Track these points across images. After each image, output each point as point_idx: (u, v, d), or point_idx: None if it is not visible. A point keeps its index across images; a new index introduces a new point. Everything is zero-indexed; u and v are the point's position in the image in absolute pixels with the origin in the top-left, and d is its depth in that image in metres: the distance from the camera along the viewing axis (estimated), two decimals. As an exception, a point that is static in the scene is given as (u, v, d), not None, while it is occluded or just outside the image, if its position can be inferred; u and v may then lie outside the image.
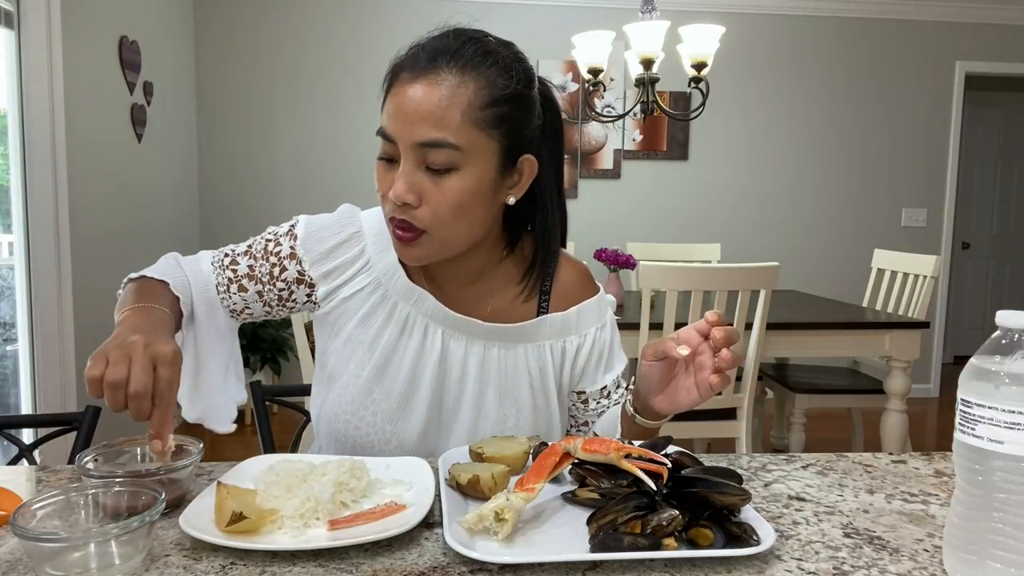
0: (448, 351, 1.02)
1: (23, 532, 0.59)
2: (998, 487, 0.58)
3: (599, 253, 3.00)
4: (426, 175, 0.88)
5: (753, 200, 4.62)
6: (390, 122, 0.88)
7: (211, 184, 4.28)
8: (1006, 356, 0.59)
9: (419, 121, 0.86)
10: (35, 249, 2.62)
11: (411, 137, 0.87)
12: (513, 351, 1.04)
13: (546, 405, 1.06)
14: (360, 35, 4.26)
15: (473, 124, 0.87)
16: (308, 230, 1.02)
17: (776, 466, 0.92)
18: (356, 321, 1.02)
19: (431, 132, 0.86)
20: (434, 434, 1.03)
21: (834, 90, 4.60)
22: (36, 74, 2.56)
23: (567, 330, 1.06)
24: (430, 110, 0.86)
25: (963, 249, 5.81)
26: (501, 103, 0.89)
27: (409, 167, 0.88)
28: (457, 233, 0.92)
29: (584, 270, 1.11)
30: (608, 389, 1.10)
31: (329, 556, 0.66)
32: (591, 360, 1.08)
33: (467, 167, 0.88)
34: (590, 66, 2.82)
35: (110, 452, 0.80)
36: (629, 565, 0.64)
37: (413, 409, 1.01)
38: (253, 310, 1.04)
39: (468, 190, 0.89)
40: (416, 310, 1.01)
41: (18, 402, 2.69)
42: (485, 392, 1.03)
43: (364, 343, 1.01)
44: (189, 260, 1.05)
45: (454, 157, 0.87)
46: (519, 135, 0.92)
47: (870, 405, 3.04)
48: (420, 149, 0.87)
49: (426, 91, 0.86)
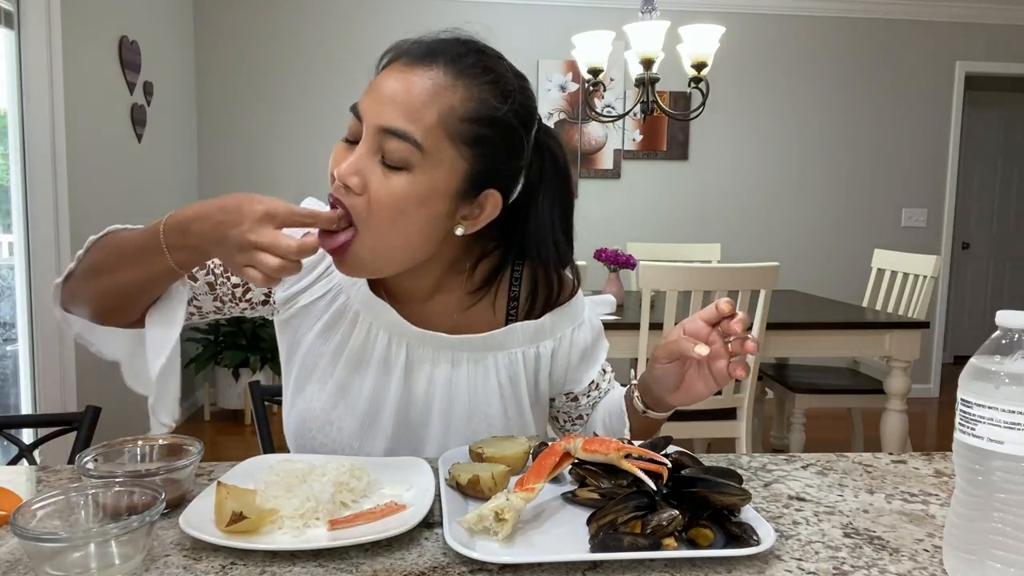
0: (413, 365, 0.97)
1: (23, 532, 0.59)
2: (998, 487, 0.58)
3: (599, 253, 3.00)
4: (379, 164, 0.81)
5: (753, 200, 4.62)
6: (364, 98, 0.84)
7: (211, 184, 4.28)
8: (1006, 356, 0.59)
9: (391, 105, 0.81)
10: (35, 249, 2.62)
11: (377, 118, 0.81)
12: (483, 362, 0.99)
13: (519, 415, 1.01)
14: (360, 35, 4.26)
15: (446, 131, 0.82)
16: None
17: (776, 466, 0.92)
18: (317, 332, 0.97)
19: (398, 120, 0.80)
20: (402, 450, 0.99)
21: (834, 90, 4.60)
22: (36, 74, 2.56)
23: (541, 335, 1.02)
24: (407, 99, 0.81)
25: (963, 249, 5.81)
26: (484, 123, 0.83)
27: (364, 149, 0.82)
28: (390, 241, 0.84)
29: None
30: (596, 381, 1.08)
31: (329, 556, 0.66)
32: (571, 362, 1.05)
33: (421, 172, 0.82)
34: (590, 66, 2.82)
35: (110, 452, 0.80)
36: (629, 565, 0.64)
37: (379, 425, 0.97)
38: (202, 303, 0.96)
39: (413, 196, 0.82)
40: (378, 321, 0.96)
41: (18, 402, 2.69)
42: (454, 406, 0.99)
43: (326, 355, 0.97)
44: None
45: (411, 156, 0.81)
46: (492, 165, 0.86)
47: (870, 405, 3.04)
48: (381, 135, 0.81)
49: (411, 80, 0.82)
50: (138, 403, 0.95)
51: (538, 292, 1.02)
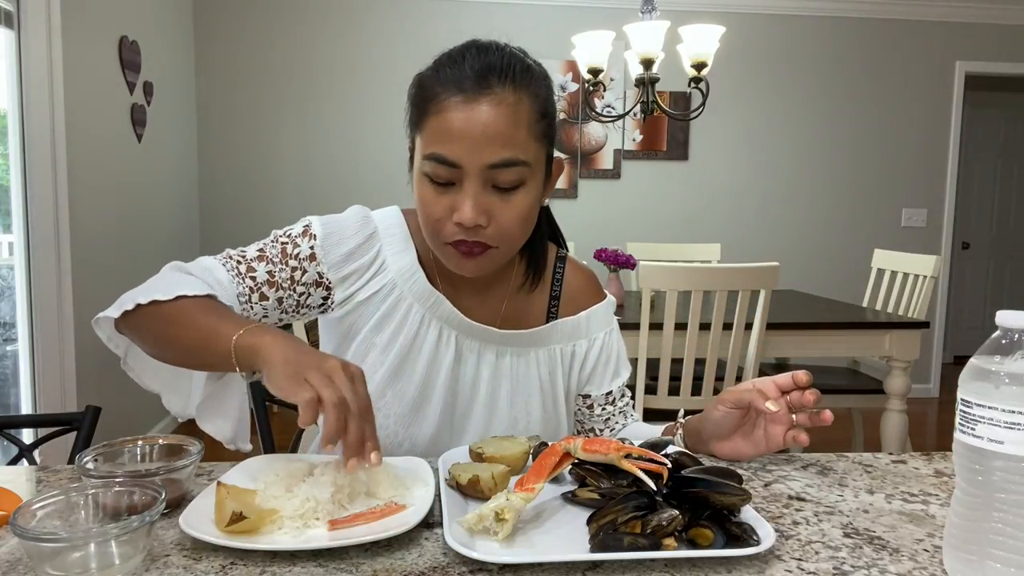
0: (461, 356, 1.02)
1: (23, 532, 0.59)
2: (998, 487, 0.58)
3: (599, 253, 2.99)
4: (493, 194, 0.88)
5: (753, 200, 4.62)
6: (452, 147, 0.86)
7: (211, 184, 4.28)
8: (1006, 356, 0.59)
9: (489, 143, 0.85)
10: (35, 249, 2.62)
11: (482, 160, 0.85)
12: (525, 357, 1.05)
13: (555, 409, 1.07)
14: (360, 35, 4.26)
15: (534, 138, 0.89)
16: (326, 231, 0.98)
17: (776, 466, 0.92)
18: (372, 324, 1.00)
19: (503, 152, 0.86)
20: (446, 438, 1.02)
21: (834, 90, 4.60)
22: (36, 74, 2.56)
23: (577, 334, 1.07)
24: (500, 130, 0.85)
25: (963, 249, 5.81)
26: (549, 114, 0.92)
27: (476, 188, 0.87)
28: (518, 244, 0.94)
29: (592, 276, 1.13)
30: (614, 395, 1.11)
31: (329, 556, 0.66)
32: (599, 364, 1.09)
33: (531, 180, 0.90)
34: (590, 66, 2.82)
35: (110, 452, 0.80)
36: (629, 565, 0.64)
37: (426, 413, 1.01)
38: (271, 318, 0.98)
39: (533, 203, 0.91)
40: (431, 313, 1.00)
41: (18, 402, 2.69)
42: (497, 397, 1.03)
43: (378, 346, 1.00)
44: (199, 270, 0.95)
45: (523, 174, 0.88)
46: (553, 140, 0.95)
47: (870, 405, 3.03)
48: (490, 171, 0.86)
49: (486, 111, 0.85)
50: (138, 403, 0.96)
51: (576, 286, 1.09)
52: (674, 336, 2.44)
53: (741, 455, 0.93)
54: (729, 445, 0.93)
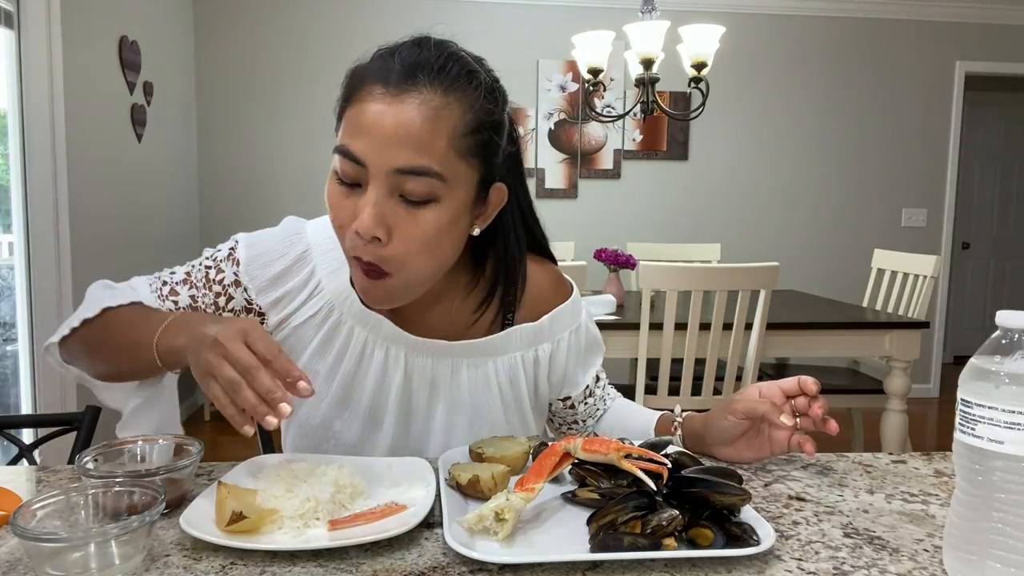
0: (412, 373, 0.95)
1: (23, 532, 0.59)
2: (998, 487, 0.58)
3: (599, 253, 3.00)
4: (399, 204, 0.78)
5: (753, 200, 4.62)
6: (359, 142, 0.77)
7: (211, 184, 4.28)
8: (1006, 356, 0.59)
9: (399, 144, 0.75)
10: (35, 249, 2.62)
11: (388, 162, 0.76)
12: (483, 367, 0.97)
13: (520, 419, 1.00)
14: (360, 34, 4.26)
15: (456, 151, 0.78)
16: (251, 253, 0.92)
17: (776, 466, 0.92)
18: (311, 351, 0.94)
19: (414, 158, 0.75)
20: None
21: (834, 90, 4.60)
22: (36, 74, 2.56)
23: (539, 338, 1.00)
24: (413, 133, 0.75)
25: (963, 249, 5.81)
26: (485, 129, 0.80)
27: (380, 195, 0.77)
28: (424, 271, 0.83)
29: (554, 273, 1.03)
30: (590, 387, 1.08)
31: (329, 556, 0.66)
32: (568, 365, 1.03)
33: (447, 199, 0.79)
34: (590, 66, 2.82)
35: (110, 452, 0.80)
36: (629, 565, 0.64)
37: (378, 439, 0.96)
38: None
39: (444, 224, 0.79)
40: (374, 334, 0.93)
41: (18, 402, 2.69)
42: (455, 413, 0.97)
43: (321, 373, 0.93)
44: (125, 287, 0.94)
45: (435, 188, 0.77)
46: (493, 163, 0.84)
47: (870, 405, 3.03)
48: (396, 176, 0.76)
49: (405, 110, 0.75)
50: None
51: (535, 287, 1.00)
52: (674, 336, 2.44)
53: (743, 459, 0.92)
54: (732, 450, 0.92)
